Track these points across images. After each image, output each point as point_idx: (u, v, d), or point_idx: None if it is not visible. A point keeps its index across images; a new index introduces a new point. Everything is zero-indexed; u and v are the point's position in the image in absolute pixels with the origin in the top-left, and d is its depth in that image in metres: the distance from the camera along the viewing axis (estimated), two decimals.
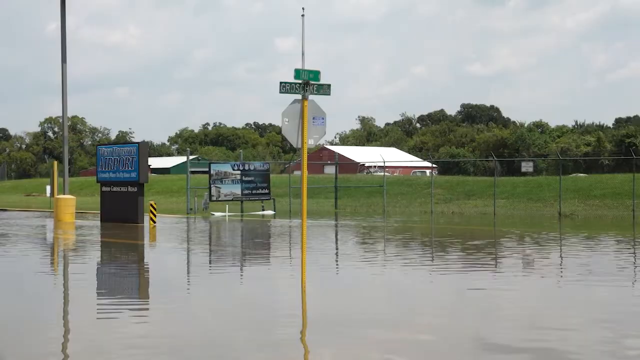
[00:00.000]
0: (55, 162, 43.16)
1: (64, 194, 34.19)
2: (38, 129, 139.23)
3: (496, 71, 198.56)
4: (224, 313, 11.57)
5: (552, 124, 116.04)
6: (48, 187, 54.61)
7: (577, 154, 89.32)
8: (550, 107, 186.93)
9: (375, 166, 75.79)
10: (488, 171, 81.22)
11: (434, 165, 68.51)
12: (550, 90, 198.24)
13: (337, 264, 17.89)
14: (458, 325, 10.42)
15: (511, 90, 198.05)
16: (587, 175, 56.19)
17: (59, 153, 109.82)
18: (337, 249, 21.79)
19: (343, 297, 13.02)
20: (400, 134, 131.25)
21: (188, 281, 15.33)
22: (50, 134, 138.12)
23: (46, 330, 10.26)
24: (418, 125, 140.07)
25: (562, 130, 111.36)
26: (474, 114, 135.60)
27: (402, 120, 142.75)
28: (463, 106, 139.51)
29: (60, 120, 42.44)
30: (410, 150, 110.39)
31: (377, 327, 10.26)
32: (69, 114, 50.39)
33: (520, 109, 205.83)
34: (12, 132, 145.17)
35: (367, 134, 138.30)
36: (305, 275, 13.69)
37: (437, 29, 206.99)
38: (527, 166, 46.87)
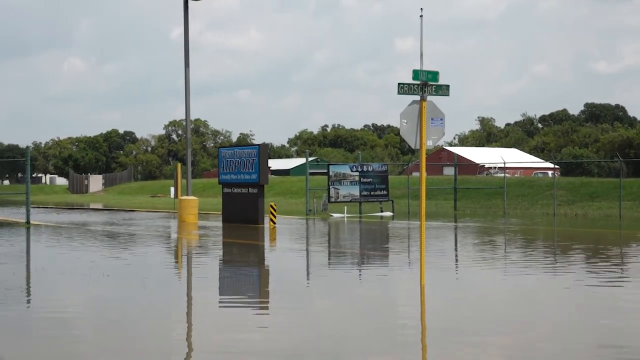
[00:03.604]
0: (179, 164, 44.35)
1: (187, 195, 35.06)
2: (163, 132, 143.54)
3: (622, 69, 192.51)
4: (341, 314, 11.62)
5: None
6: (172, 189, 56.26)
7: None
8: None
9: (495, 167, 74.67)
10: (613, 172, 78.70)
11: (556, 166, 66.94)
12: None
13: (457, 267, 17.71)
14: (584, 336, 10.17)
15: (638, 88, 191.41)
16: None
17: (183, 155, 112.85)
18: (456, 251, 21.56)
19: (465, 301, 12.85)
20: (521, 134, 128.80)
21: (308, 282, 15.47)
22: (174, 136, 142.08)
23: (170, 328, 10.58)
24: (539, 125, 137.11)
25: None
26: (598, 114, 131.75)
27: (523, 120, 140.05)
28: (587, 105, 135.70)
29: (184, 123, 43.58)
30: (532, 151, 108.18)
31: (498, 332, 10.11)
32: (192, 117, 51.74)
33: None
34: (138, 135, 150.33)
35: (487, 135, 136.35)
36: (424, 278, 13.61)
37: (559, 26, 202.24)
38: None
